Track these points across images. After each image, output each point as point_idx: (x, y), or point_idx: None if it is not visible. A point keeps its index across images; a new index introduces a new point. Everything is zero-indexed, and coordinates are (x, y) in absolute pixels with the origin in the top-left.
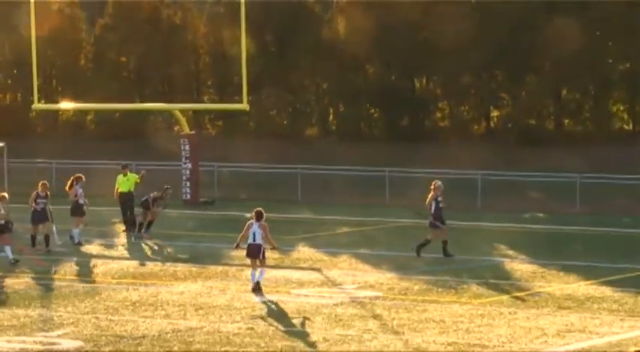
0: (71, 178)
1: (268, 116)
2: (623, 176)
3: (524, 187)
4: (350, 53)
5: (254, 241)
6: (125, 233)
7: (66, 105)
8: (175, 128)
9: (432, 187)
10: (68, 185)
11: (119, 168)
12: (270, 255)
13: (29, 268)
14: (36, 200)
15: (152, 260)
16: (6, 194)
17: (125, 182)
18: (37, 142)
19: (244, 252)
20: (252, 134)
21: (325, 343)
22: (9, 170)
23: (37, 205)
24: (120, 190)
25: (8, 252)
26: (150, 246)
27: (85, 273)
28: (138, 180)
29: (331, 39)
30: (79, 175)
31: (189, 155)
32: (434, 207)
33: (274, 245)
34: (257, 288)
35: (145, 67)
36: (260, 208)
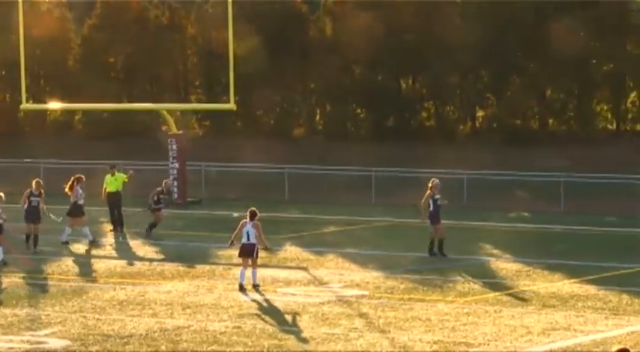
0: (72, 179)
1: (256, 116)
2: (607, 175)
3: (509, 187)
4: (337, 53)
5: (248, 240)
6: (113, 233)
7: (54, 105)
8: (163, 128)
9: (430, 185)
10: (68, 186)
11: (107, 168)
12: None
13: (17, 267)
14: (29, 198)
15: (139, 259)
16: (2, 194)
17: (113, 182)
18: (26, 142)
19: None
20: (239, 134)
21: (312, 342)
22: None
23: (31, 203)
24: (108, 190)
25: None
26: (138, 246)
27: (73, 273)
28: (126, 180)
29: (319, 39)
30: (80, 176)
31: (176, 155)
32: (432, 206)
33: (267, 245)
34: (254, 287)
35: (133, 67)
36: (254, 208)
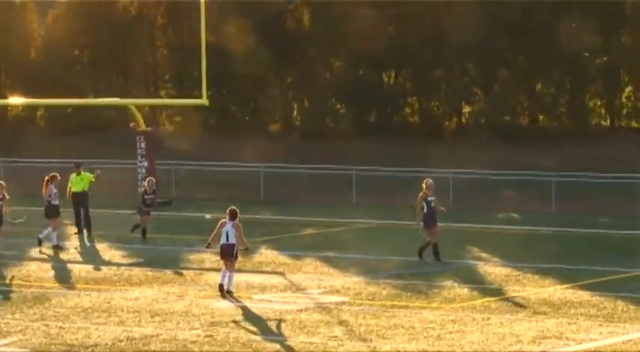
0: (45, 178)
1: (229, 112)
2: (600, 174)
3: (497, 186)
4: (315, 46)
5: (227, 241)
6: (77, 236)
7: (15, 100)
8: (131, 124)
9: (424, 186)
10: (44, 185)
11: (72, 166)
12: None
13: None
14: None
15: (106, 264)
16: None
17: (79, 181)
18: None
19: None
20: (212, 131)
21: (289, 351)
22: None
23: None
24: (73, 190)
25: None
26: (104, 249)
27: (35, 278)
28: (93, 180)
29: (296, 31)
30: (54, 174)
31: (145, 153)
32: (425, 208)
33: (247, 246)
34: (227, 293)
35: (99, 60)
36: (234, 207)
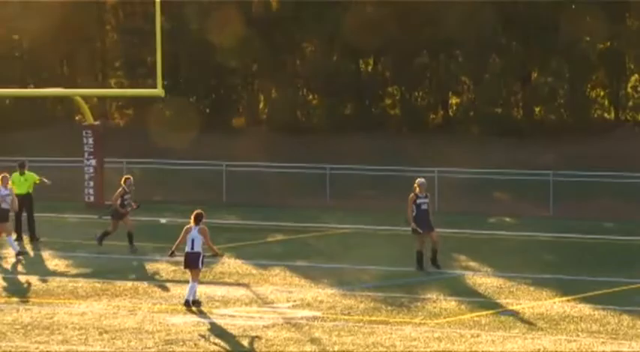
0: None
1: (187, 103)
2: (603, 173)
3: (488, 187)
4: (284, 29)
5: (192, 249)
6: (17, 242)
7: None
8: (77, 117)
9: (415, 185)
10: None
11: (15, 166)
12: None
13: None
14: None
15: (49, 274)
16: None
17: (22, 183)
18: None
19: (161, 263)
20: (168, 124)
21: None
22: None
23: None
24: (16, 192)
25: None
26: (48, 258)
27: None
28: (37, 181)
29: (262, 13)
30: (5, 174)
31: (92, 150)
32: (415, 211)
33: (217, 252)
34: (193, 304)
35: (41, 46)
36: (200, 210)
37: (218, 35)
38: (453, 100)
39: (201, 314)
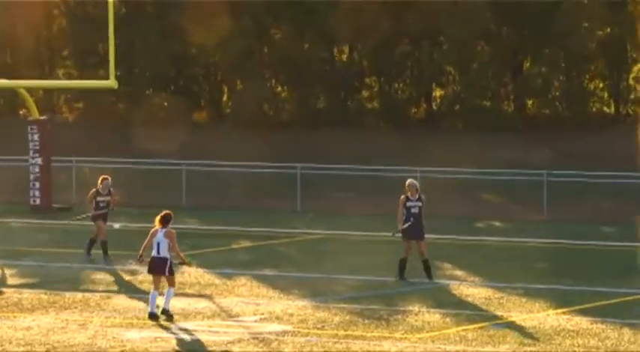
0: None
1: (143, 96)
2: (602, 173)
3: (475, 188)
4: (250, 13)
5: (158, 254)
6: None
7: None
8: (21, 112)
9: (406, 187)
10: None
11: None
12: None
13: None
14: None
15: None
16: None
17: None
18: None
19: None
20: (122, 119)
21: None
22: None
23: None
24: None
25: None
26: None
27: None
28: None
29: None
30: None
31: (38, 147)
32: (405, 215)
33: (184, 260)
34: (167, 316)
35: None
36: (168, 211)
37: (177, 21)
38: (437, 92)
39: (159, 328)
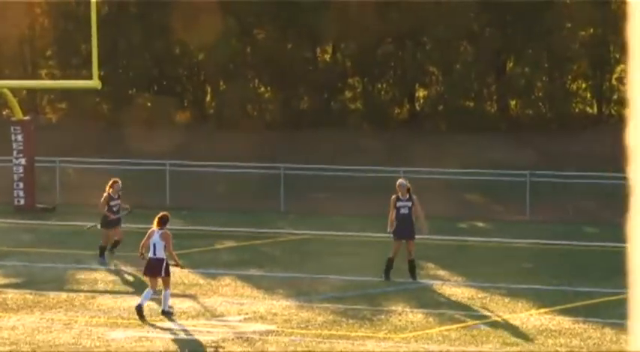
0: None
1: (127, 96)
2: (585, 174)
3: (458, 188)
4: (233, 13)
5: (154, 254)
6: None
7: None
8: (4, 112)
9: (397, 187)
10: None
11: None
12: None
13: None
14: None
15: None
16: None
17: None
18: None
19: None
20: (105, 120)
21: None
22: None
23: None
24: None
25: None
26: None
27: None
28: None
29: None
30: None
31: (22, 147)
32: (395, 213)
33: (178, 262)
34: (162, 313)
35: None
36: (165, 213)
37: (161, 21)
38: (420, 93)
39: (144, 328)
